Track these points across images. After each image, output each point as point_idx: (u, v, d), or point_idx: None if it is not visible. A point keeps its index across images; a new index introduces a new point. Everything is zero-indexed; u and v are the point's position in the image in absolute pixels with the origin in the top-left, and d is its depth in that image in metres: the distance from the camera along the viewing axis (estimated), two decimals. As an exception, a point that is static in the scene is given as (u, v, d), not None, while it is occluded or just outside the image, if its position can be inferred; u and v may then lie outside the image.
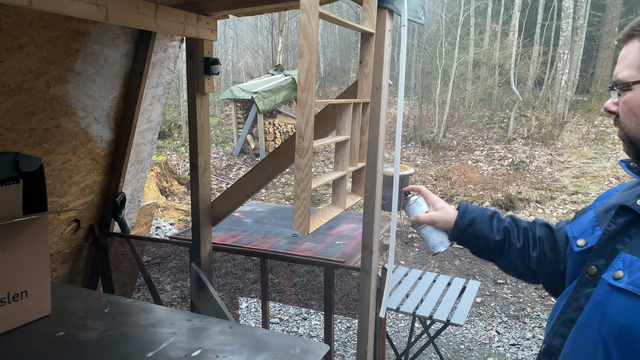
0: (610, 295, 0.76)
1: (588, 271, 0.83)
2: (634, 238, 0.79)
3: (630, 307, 0.72)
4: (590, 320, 0.79)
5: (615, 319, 0.74)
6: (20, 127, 2.16)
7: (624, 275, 0.75)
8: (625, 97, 0.82)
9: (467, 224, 1.15)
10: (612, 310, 0.75)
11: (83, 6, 1.55)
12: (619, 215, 0.83)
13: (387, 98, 1.74)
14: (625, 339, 0.72)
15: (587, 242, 0.88)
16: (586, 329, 0.79)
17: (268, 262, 2.69)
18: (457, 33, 12.62)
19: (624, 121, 0.84)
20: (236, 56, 22.66)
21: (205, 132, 2.36)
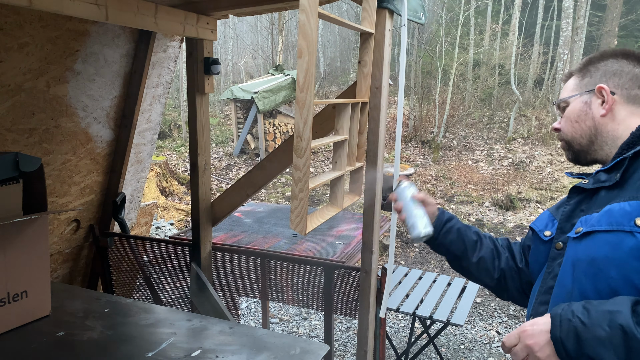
0: (576, 246, 0.92)
1: (556, 247, 1.02)
2: (586, 208, 0.97)
3: (590, 244, 0.88)
4: (565, 274, 0.93)
5: (581, 259, 0.90)
6: (20, 127, 2.17)
7: (582, 228, 0.91)
8: (566, 112, 1.09)
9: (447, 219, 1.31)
10: (580, 253, 0.90)
11: (83, 6, 1.55)
12: (571, 196, 1.03)
13: (387, 98, 1.74)
14: (592, 270, 0.87)
15: (552, 232, 1.07)
16: (563, 282, 0.94)
17: (268, 262, 2.69)
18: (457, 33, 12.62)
19: (564, 129, 1.09)
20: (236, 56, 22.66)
21: (205, 132, 2.36)
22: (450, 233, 1.28)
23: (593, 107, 1.04)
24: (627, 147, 0.97)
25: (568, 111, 1.08)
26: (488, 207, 7.99)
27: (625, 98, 1.01)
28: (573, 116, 1.07)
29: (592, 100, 1.04)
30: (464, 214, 7.61)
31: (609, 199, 0.91)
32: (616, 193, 0.91)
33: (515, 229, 7.00)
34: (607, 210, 0.88)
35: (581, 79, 1.08)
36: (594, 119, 1.03)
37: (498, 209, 7.84)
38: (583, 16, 12.91)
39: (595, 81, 1.04)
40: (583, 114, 1.05)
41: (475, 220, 7.34)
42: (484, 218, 7.48)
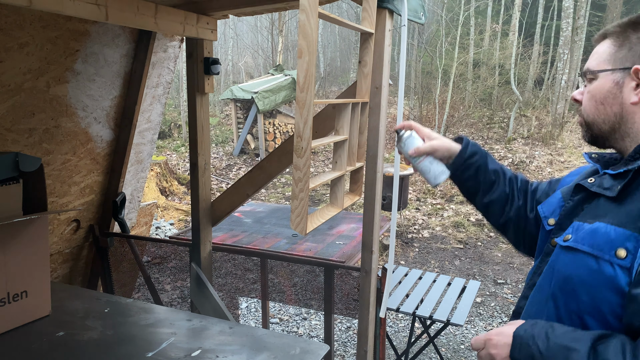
0: (559, 254, 0.89)
1: (551, 243, 0.95)
2: (586, 209, 0.91)
3: (571, 260, 0.85)
4: (545, 278, 0.91)
5: (560, 272, 0.87)
6: (20, 127, 2.17)
7: (571, 237, 0.87)
8: (591, 86, 0.93)
9: (469, 155, 1.20)
10: (559, 265, 0.87)
11: (83, 6, 1.55)
12: (575, 193, 0.95)
13: (387, 98, 1.74)
14: (567, 287, 0.84)
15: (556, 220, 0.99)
16: (542, 286, 0.92)
17: (268, 262, 2.69)
18: (457, 33, 12.62)
19: (585, 108, 0.94)
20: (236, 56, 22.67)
21: (205, 132, 2.36)
22: (468, 170, 1.19)
23: (625, 90, 0.87)
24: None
25: (594, 88, 0.92)
26: (488, 207, 7.98)
27: None
28: (599, 96, 0.91)
29: (626, 81, 0.87)
30: (464, 213, 7.61)
31: (604, 212, 0.85)
32: (612, 207, 0.84)
33: (515, 229, 6.99)
34: (593, 230, 0.83)
35: (617, 49, 0.89)
36: (622, 104, 0.88)
37: (498, 209, 7.83)
38: (583, 16, 12.91)
39: (635, 57, 0.86)
40: (611, 96, 0.89)
41: (475, 220, 7.34)
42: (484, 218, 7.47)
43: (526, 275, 1.22)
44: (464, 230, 6.92)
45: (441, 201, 8.34)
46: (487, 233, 6.82)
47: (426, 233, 6.86)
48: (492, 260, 5.82)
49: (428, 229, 7.01)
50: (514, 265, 5.64)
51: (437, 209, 7.90)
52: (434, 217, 7.55)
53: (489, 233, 6.83)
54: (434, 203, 8.24)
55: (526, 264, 5.65)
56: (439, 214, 7.70)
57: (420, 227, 7.12)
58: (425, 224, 7.23)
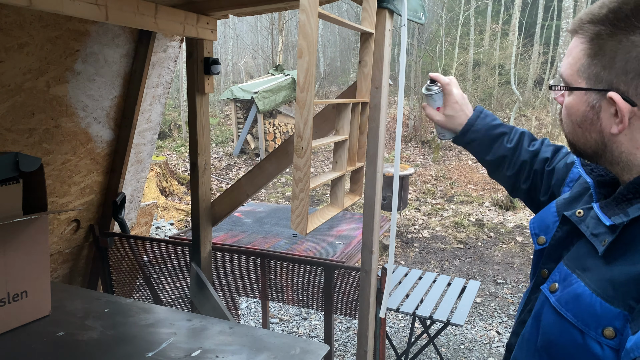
0: (544, 306, 0.78)
1: (542, 274, 0.84)
2: (573, 248, 0.79)
3: (555, 323, 0.74)
4: (532, 329, 0.81)
5: (546, 332, 0.76)
6: (20, 127, 2.17)
7: (557, 288, 0.76)
8: (567, 100, 0.77)
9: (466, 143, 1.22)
10: (544, 322, 0.77)
11: (83, 6, 1.55)
12: (563, 223, 0.82)
13: (387, 98, 1.74)
14: (552, 352, 0.75)
15: (547, 240, 0.87)
16: (529, 337, 0.82)
17: (268, 262, 2.69)
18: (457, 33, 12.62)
19: (564, 124, 0.81)
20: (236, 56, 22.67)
21: (205, 132, 2.36)
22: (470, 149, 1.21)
23: (602, 116, 0.71)
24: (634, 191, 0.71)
25: (569, 104, 0.76)
26: (488, 207, 7.99)
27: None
28: (574, 117, 0.76)
29: (603, 106, 0.71)
30: (464, 213, 7.61)
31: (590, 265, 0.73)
32: (599, 264, 0.71)
33: (515, 229, 7.00)
34: (577, 295, 0.71)
35: (590, 59, 0.70)
36: (602, 132, 0.72)
37: (498, 209, 7.84)
38: (583, 16, 12.89)
39: (611, 77, 0.68)
40: (588, 121, 0.73)
41: (475, 220, 7.34)
42: (484, 218, 7.48)
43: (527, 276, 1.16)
44: (464, 230, 6.92)
45: (441, 201, 8.34)
46: (487, 233, 6.83)
47: (426, 233, 6.86)
48: (492, 260, 5.82)
49: (428, 229, 7.01)
50: (514, 265, 5.64)
51: (437, 209, 7.90)
52: (434, 217, 7.55)
53: (489, 233, 6.83)
54: (434, 203, 8.24)
55: (526, 264, 5.65)
56: (439, 214, 7.70)
57: (420, 227, 7.12)
58: (425, 224, 7.23)
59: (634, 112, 0.68)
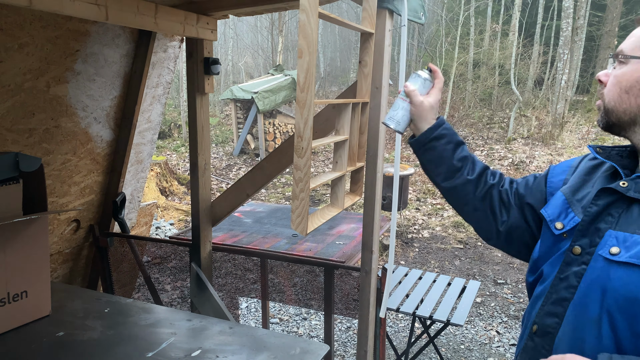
0: (609, 270, 0.80)
1: (573, 251, 0.88)
2: (618, 216, 0.84)
3: (631, 278, 0.77)
4: (590, 296, 0.82)
5: (620, 292, 0.78)
6: (20, 127, 2.17)
7: (620, 250, 0.80)
8: (619, 71, 0.88)
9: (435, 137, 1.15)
10: (615, 283, 0.79)
11: (83, 6, 1.55)
12: (600, 197, 0.87)
13: (387, 98, 1.74)
14: (632, 310, 0.76)
15: (565, 224, 0.93)
16: (587, 305, 0.83)
17: (268, 262, 2.69)
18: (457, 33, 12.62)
19: (608, 92, 0.90)
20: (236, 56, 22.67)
21: (205, 132, 2.36)
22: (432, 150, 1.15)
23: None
24: None
25: (622, 73, 0.87)
26: (488, 207, 7.98)
27: None
28: (625, 83, 0.86)
29: None
30: (464, 214, 7.61)
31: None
32: None
33: (515, 229, 6.99)
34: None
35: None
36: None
37: (498, 209, 7.84)
38: (583, 16, 12.91)
39: None
40: (637, 86, 0.85)
41: (475, 220, 7.34)
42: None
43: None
44: (464, 230, 6.92)
45: (441, 201, 8.34)
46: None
47: (426, 233, 6.86)
48: (492, 260, 5.82)
49: (428, 229, 7.01)
50: (514, 265, 5.64)
51: (437, 209, 7.90)
52: (434, 217, 7.55)
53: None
54: (434, 203, 8.24)
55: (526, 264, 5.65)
56: (439, 214, 7.70)
57: (420, 227, 7.12)
58: (425, 224, 7.23)
59: None
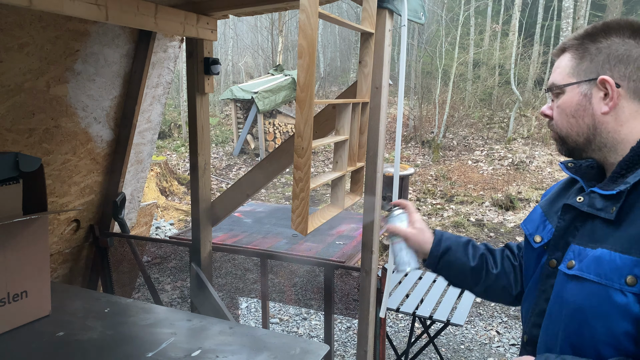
0: (566, 283, 0.86)
1: (549, 264, 0.93)
2: (580, 229, 0.89)
3: (579, 290, 0.83)
4: (555, 308, 0.89)
5: (570, 302, 0.85)
6: (20, 127, 2.17)
7: (575, 264, 0.85)
8: (560, 101, 0.93)
9: (442, 252, 1.15)
10: (567, 295, 0.86)
11: (83, 6, 1.55)
12: (565, 212, 0.92)
13: (387, 98, 1.74)
14: (579, 317, 0.83)
15: (543, 237, 0.98)
16: (553, 316, 0.90)
17: (268, 262, 2.69)
18: (457, 33, 12.62)
19: (557, 122, 0.94)
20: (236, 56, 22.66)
21: (205, 132, 2.36)
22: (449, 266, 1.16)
23: (594, 101, 0.88)
24: (626, 167, 0.84)
25: (563, 102, 0.92)
26: (488, 207, 7.99)
27: (632, 92, 0.85)
28: (569, 110, 0.91)
29: (593, 92, 0.88)
30: (464, 214, 7.61)
31: (604, 236, 0.83)
32: (610, 231, 0.82)
33: (515, 229, 7.00)
34: (597, 257, 0.81)
35: (579, 61, 0.90)
36: (593, 115, 0.88)
37: (498, 209, 7.84)
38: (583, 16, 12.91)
39: (597, 68, 0.87)
40: (581, 109, 0.89)
41: (475, 220, 7.34)
42: (484, 218, 7.48)
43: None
44: (464, 230, 6.92)
45: (441, 201, 8.34)
46: (487, 233, 6.83)
47: (426, 233, 6.85)
48: (492, 260, 5.81)
49: (428, 229, 7.00)
50: (514, 265, 5.64)
51: (437, 209, 7.90)
52: (434, 217, 7.55)
53: (489, 233, 6.83)
54: (434, 203, 8.24)
55: (526, 264, 5.64)
56: (439, 214, 7.70)
57: (420, 227, 7.11)
58: (425, 224, 7.22)
59: (619, 93, 0.85)
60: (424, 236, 1.18)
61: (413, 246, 1.19)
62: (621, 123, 0.86)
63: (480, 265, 1.14)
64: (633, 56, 0.84)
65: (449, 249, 1.15)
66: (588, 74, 0.88)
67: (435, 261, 1.16)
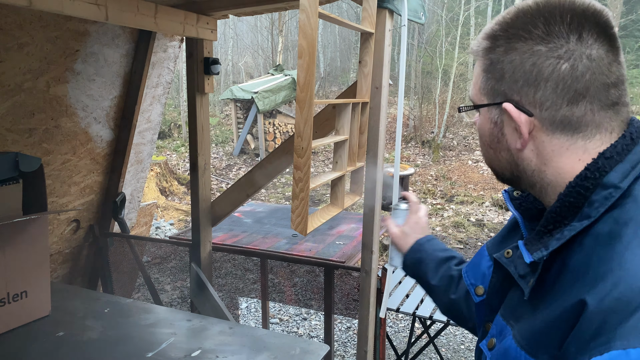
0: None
1: (485, 327, 0.75)
2: (509, 296, 0.69)
3: None
4: None
5: None
6: (20, 127, 2.17)
7: (495, 343, 0.67)
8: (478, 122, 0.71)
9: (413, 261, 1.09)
10: None
11: (83, 6, 1.55)
12: (496, 268, 0.73)
13: (387, 98, 1.74)
14: None
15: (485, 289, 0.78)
16: None
17: (268, 262, 2.69)
18: (457, 33, 12.62)
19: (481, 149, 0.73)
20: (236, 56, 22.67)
21: (205, 132, 2.36)
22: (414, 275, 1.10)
23: (506, 131, 0.65)
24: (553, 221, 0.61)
25: (479, 126, 0.70)
26: (488, 207, 7.99)
27: (549, 123, 0.60)
28: (484, 139, 0.70)
29: (504, 120, 0.65)
30: (464, 214, 7.61)
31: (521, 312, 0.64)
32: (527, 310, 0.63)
33: (515, 229, 7.00)
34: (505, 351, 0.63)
35: (486, 74, 0.66)
36: (509, 149, 0.66)
37: (498, 209, 7.84)
38: (583, 16, 12.87)
39: (504, 89, 0.63)
40: (495, 140, 0.67)
41: (476, 220, 7.34)
42: (484, 218, 7.48)
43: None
44: (464, 230, 6.92)
45: (441, 201, 8.34)
46: (487, 233, 6.83)
47: (426, 233, 6.86)
48: (492, 260, 5.82)
49: (428, 229, 7.01)
50: (514, 265, 5.65)
51: (437, 209, 7.90)
52: (434, 217, 7.56)
53: (489, 233, 6.83)
54: (434, 203, 8.24)
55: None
56: (439, 214, 7.70)
57: (420, 227, 7.11)
58: (425, 224, 7.22)
59: (533, 124, 0.61)
60: (405, 241, 1.12)
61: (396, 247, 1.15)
62: (544, 161, 0.63)
63: (440, 285, 1.02)
64: (543, 73, 0.59)
65: (420, 261, 1.06)
66: (495, 95, 0.65)
67: (406, 268, 1.11)
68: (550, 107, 0.59)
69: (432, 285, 1.03)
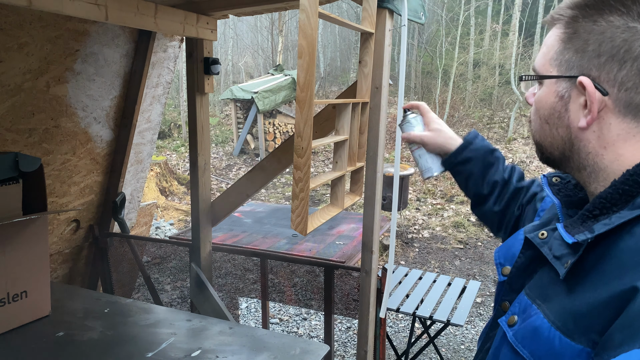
0: (503, 343, 0.68)
1: (502, 307, 0.74)
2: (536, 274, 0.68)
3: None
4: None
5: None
6: (20, 127, 2.17)
7: (516, 321, 0.66)
8: (538, 94, 0.68)
9: (460, 161, 1.06)
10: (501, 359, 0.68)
11: (83, 6, 1.55)
12: (525, 247, 0.71)
13: (387, 98, 1.74)
14: None
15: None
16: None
17: (268, 262, 2.69)
18: (457, 33, 12.63)
19: (532, 122, 0.71)
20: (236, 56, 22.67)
21: (205, 132, 2.36)
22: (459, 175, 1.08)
23: (571, 108, 0.62)
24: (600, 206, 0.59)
25: (538, 99, 0.67)
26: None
27: (623, 105, 0.58)
28: (542, 112, 0.66)
29: (572, 95, 0.62)
30: (464, 214, 7.61)
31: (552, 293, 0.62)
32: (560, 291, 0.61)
33: (515, 229, 7.00)
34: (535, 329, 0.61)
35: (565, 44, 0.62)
36: (569, 128, 0.63)
37: (498, 209, 7.84)
38: (583, 16, 12.88)
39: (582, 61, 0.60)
40: (555, 115, 0.64)
41: (476, 220, 7.33)
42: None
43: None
44: (464, 230, 6.92)
45: (441, 201, 8.34)
46: (487, 233, 6.82)
47: (426, 233, 6.86)
48: (493, 260, 5.82)
49: (428, 229, 7.01)
50: (514, 265, 5.65)
51: (437, 209, 7.90)
52: (434, 217, 7.55)
53: (489, 233, 6.83)
54: (434, 203, 8.24)
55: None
56: (439, 214, 7.70)
57: (421, 227, 7.12)
58: (425, 224, 7.23)
59: (605, 103, 0.58)
60: (443, 137, 1.08)
61: (433, 150, 1.10)
62: (605, 145, 0.60)
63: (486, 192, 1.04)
64: (634, 52, 0.55)
65: (468, 160, 1.05)
66: (570, 66, 0.61)
67: (450, 166, 1.09)
68: (631, 88, 0.57)
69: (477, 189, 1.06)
